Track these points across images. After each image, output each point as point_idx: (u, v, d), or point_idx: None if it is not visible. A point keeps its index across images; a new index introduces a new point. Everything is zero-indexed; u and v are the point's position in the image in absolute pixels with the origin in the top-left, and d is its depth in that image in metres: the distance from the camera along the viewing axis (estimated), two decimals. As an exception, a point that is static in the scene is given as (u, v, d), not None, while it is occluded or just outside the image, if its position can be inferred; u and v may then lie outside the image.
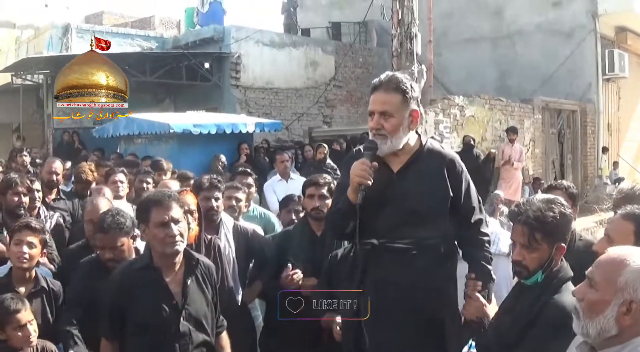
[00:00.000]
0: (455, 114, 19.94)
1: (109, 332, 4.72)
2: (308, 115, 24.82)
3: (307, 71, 25.22)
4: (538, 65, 25.21)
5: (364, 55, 26.95)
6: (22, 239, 5.50)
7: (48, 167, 9.11)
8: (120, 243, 5.33)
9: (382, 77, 4.73)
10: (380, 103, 4.63)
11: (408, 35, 16.65)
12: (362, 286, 4.72)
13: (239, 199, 7.31)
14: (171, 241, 4.58)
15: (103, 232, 5.33)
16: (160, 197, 4.72)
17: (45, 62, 21.86)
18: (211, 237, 6.03)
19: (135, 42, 25.93)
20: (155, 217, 4.60)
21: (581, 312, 3.10)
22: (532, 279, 3.96)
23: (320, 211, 6.04)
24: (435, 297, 4.65)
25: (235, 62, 23.38)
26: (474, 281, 4.67)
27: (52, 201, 8.73)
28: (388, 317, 4.62)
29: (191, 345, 4.64)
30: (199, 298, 4.76)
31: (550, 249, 3.91)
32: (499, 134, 21.27)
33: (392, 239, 4.65)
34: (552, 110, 24.28)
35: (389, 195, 4.66)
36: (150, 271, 4.67)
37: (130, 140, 17.47)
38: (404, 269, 4.60)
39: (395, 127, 4.59)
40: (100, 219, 5.45)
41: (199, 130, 15.61)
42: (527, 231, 3.89)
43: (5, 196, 7.21)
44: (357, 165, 4.57)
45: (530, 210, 3.91)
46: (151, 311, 4.57)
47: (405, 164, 4.72)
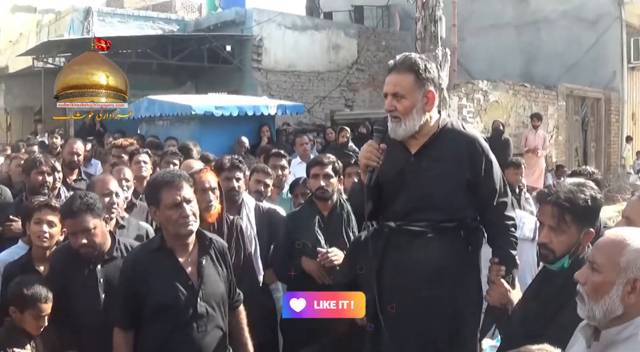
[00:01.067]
0: (478, 99, 19.84)
1: (124, 321, 4.64)
2: (330, 99, 24.73)
3: (330, 54, 25.11)
4: (562, 53, 24.98)
5: (387, 38, 26.79)
6: (42, 218, 5.47)
7: (69, 147, 9.13)
8: (92, 225, 4.96)
9: (397, 58, 4.69)
10: (392, 84, 4.59)
11: (432, 18, 16.53)
12: (380, 267, 4.71)
13: (267, 185, 7.29)
14: (184, 221, 4.51)
15: (72, 217, 4.98)
16: (171, 177, 4.64)
17: (67, 45, 21.87)
18: (233, 218, 5.98)
19: (157, 25, 25.93)
20: (167, 198, 4.52)
21: (585, 296, 3.09)
22: (558, 264, 3.85)
23: (325, 191, 6.04)
24: (451, 281, 4.61)
25: (257, 45, 23.32)
26: (497, 266, 4.58)
27: (74, 182, 8.73)
28: (405, 300, 4.60)
29: (209, 325, 4.60)
30: (214, 277, 4.71)
31: (579, 233, 3.79)
32: (522, 120, 21.15)
33: (408, 222, 4.63)
34: (576, 98, 24.13)
35: (405, 178, 4.63)
36: (164, 253, 4.62)
37: (152, 122, 17.46)
38: (420, 252, 4.59)
39: (408, 109, 4.54)
40: (67, 202, 5.18)
41: (221, 112, 15.59)
42: (557, 211, 3.78)
43: (29, 175, 7.20)
44: (365, 147, 4.60)
45: (562, 191, 3.79)
46: (168, 293, 4.52)
47: (423, 146, 4.67)
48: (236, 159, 6.65)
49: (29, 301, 4.84)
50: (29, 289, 4.87)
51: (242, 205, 6.48)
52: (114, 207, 6.03)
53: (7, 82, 27.48)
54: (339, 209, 6.11)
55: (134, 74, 24.44)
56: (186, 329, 4.53)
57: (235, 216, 6.15)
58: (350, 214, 6.04)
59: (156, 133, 16.04)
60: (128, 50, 23.31)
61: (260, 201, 6.93)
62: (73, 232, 5.01)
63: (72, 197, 5.20)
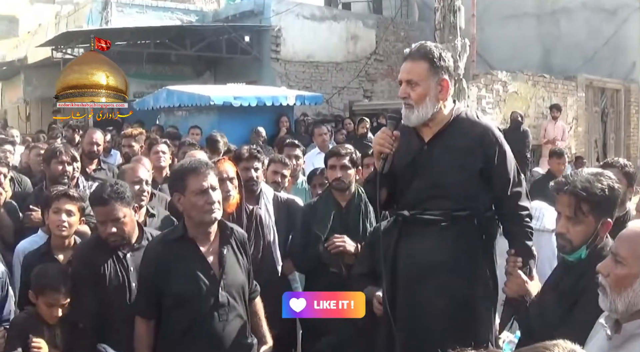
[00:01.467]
0: (498, 90, 19.77)
1: (145, 310, 4.67)
2: (348, 89, 24.69)
3: (348, 45, 25.05)
4: (582, 43, 24.79)
5: (406, 29, 26.69)
6: (61, 207, 5.48)
7: (89, 137, 9.16)
8: (122, 214, 4.95)
9: (413, 46, 4.73)
10: (406, 72, 4.62)
11: (451, 8, 16.45)
12: (394, 257, 4.72)
13: (284, 175, 7.29)
14: (210, 208, 4.52)
15: (102, 204, 4.95)
16: (197, 164, 4.65)
17: (85, 36, 21.89)
18: (252, 208, 5.99)
19: (175, 16, 25.94)
20: (193, 184, 4.53)
21: (608, 288, 3.09)
22: (575, 254, 3.82)
23: (342, 182, 6.04)
24: (464, 270, 4.61)
25: (276, 36, 23.30)
26: (514, 257, 4.56)
27: (93, 171, 8.75)
28: (418, 288, 4.62)
29: (230, 314, 4.61)
30: (235, 267, 4.73)
31: (596, 223, 3.76)
32: (541, 111, 21.06)
33: (421, 211, 4.65)
34: (596, 89, 23.98)
35: (418, 166, 4.64)
36: (186, 242, 4.63)
37: (170, 113, 17.51)
38: (433, 240, 4.61)
39: (421, 96, 4.54)
40: (97, 191, 5.12)
41: (239, 103, 15.62)
42: (573, 201, 3.74)
43: (49, 165, 7.23)
44: (378, 134, 4.64)
45: (578, 180, 3.76)
46: (190, 282, 4.53)
47: (435, 135, 4.68)
48: (254, 149, 6.66)
49: (41, 288, 4.87)
50: (42, 277, 4.92)
51: (260, 195, 6.48)
52: (144, 195, 6.07)
53: (26, 73, 27.61)
54: (357, 200, 6.10)
55: (152, 64, 24.60)
56: (208, 319, 4.54)
57: (254, 206, 6.15)
58: (368, 204, 6.03)
59: (175, 123, 16.11)
60: (147, 41, 23.36)
61: (278, 191, 6.92)
62: (102, 221, 4.98)
63: (102, 185, 5.16)
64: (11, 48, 35.33)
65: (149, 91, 21.74)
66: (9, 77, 31.37)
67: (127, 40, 23.60)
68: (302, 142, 9.99)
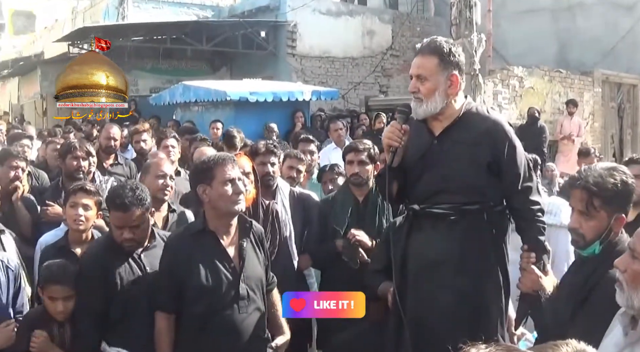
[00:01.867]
0: (514, 85, 19.73)
1: (167, 305, 4.69)
2: (364, 85, 24.69)
3: (364, 40, 25.03)
4: (599, 39, 24.68)
5: (422, 24, 26.64)
6: (78, 201, 5.53)
7: (106, 132, 9.20)
8: (142, 221, 4.91)
9: (425, 41, 4.76)
10: (416, 67, 4.66)
11: (467, 4, 16.47)
12: (405, 250, 4.76)
13: (300, 171, 7.30)
14: (236, 198, 4.59)
15: (122, 210, 4.83)
16: (224, 156, 4.74)
17: (102, 31, 21.96)
18: (269, 202, 6.02)
19: (192, 11, 26.00)
20: (221, 175, 4.60)
21: (625, 283, 3.06)
22: (589, 250, 3.79)
23: (359, 177, 6.06)
24: (475, 264, 4.63)
25: (292, 31, 23.32)
26: (527, 253, 4.55)
27: (110, 166, 8.80)
28: (426, 284, 4.66)
29: (250, 307, 4.66)
30: (254, 260, 4.79)
31: (609, 218, 3.73)
32: (557, 107, 21.00)
33: (431, 205, 4.68)
34: (612, 84, 23.87)
35: (428, 160, 4.67)
36: (207, 235, 4.68)
37: (187, 108, 17.54)
38: (442, 234, 4.64)
39: (430, 91, 4.58)
40: (116, 194, 4.94)
41: (255, 98, 15.63)
42: (585, 196, 3.72)
43: (64, 160, 7.28)
44: (387, 128, 4.71)
45: (591, 176, 3.73)
46: (211, 275, 4.58)
47: (445, 129, 4.70)
48: (271, 144, 6.68)
49: (44, 281, 4.90)
50: (46, 270, 4.95)
51: (277, 190, 6.51)
52: (167, 189, 6.07)
53: (43, 68, 27.66)
54: (374, 196, 6.10)
55: (168, 59, 24.67)
56: (228, 311, 4.60)
57: (271, 200, 6.17)
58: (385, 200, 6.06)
59: (191, 118, 16.13)
60: (163, 36, 23.42)
61: (293, 186, 6.93)
62: (120, 226, 4.89)
63: (122, 188, 4.98)
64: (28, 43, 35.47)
65: (165, 86, 21.81)
66: (26, 73, 31.45)
67: (144, 36, 23.67)
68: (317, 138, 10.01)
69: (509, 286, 4.76)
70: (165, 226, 5.94)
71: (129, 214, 4.84)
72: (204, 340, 4.59)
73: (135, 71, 24.74)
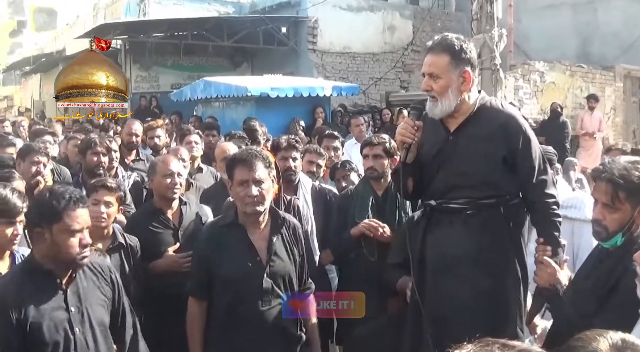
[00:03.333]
0: (535, 80, 19.68)
1: (198, 291, 4.79)
2: (385, 80, 24.71)
3: (385, 36, 25.06)
4: (620, 33, 24.56)
5: (442, 19, 26.65)
6: (100, 198, 5.53)
7: (128, 128, 9.22)
8: None
9: (436, 38, 4.75)
10: (428, 65, 4.66)
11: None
12: (423, 246, 4.76)
13: (320, 165, 7.28)
14: (250, 200, 4.60)
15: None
16: (246, 155, 4.73)
17: (123, 27, 22.11)
18: (291, 198, 6.02)
19: (213, 7, 26.10)
20: (238, 175, 4.64)
21: None
22: (611, 241, 3.79)
23: (374, 171, 6.02)
24: (491, 260, 4.62)
25: (312, 27, 23.38)
26: (543, 246, 4.55)
27: (132, 162, 8.83)
28: (444, 280, 4.65)
29: (274, 301, 4.69)
30: (284, 256, 4.80)
31: (633, 210, 3.72)
32: (579, 102, 20.92)
33: (447, 200, 4.68)
34: (634, 79, 23.72)
35: (443, 156, 4.68)
36: (235, 228, 4.75)
37: (208, 104, 17.61)
38: (459, 229, 4.63)
39: (443, 89, 4.58)
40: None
41: (277, 94, 15.68)
42: (610, 188, 3.71)
43: (85, 156, 7.31)
44: (401, 124, 4.72)
45: (616, 168, 3.72)
46: (235, 266, 4.65)
47: (460, 125, 4.70)
48: (292, 138, 6.67)
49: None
50: None
51: (298, 185, 6.50)
52: (176, 187, 6.05)
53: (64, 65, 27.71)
54: (393, 190, 6.09)
55: (189, 55, 24.73)
56: (250, 303, 4.64)
57: (293, 196, 6.17)
58: (403, 195, 6.08)
59: (213, 114, 16.17)
60: (184, 32, 23.52)
61: (313, 181, 6.93)
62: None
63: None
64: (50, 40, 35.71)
65: (186, 82, 21.88)
66: (48, 69, 31.66)
67: (165, 32, 23.77)
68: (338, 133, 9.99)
69: (527, 278, 4.75)
70: (179, 220, 5.97)
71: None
72: (229, 328, 4.67)
73: (156, 67, 24.88)
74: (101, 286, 4.20)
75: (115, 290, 4.30)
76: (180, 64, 25.21)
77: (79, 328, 3.94)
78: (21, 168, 6.76)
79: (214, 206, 6.28)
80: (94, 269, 4.21)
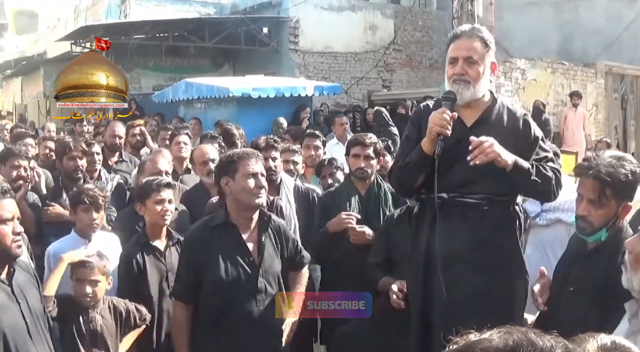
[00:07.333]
0: (516, 78, 19.73)
1: (185, 295, 4.78)
2: (367, 80, 24.72)
3: (366, 35, 25.09)
4: (601, 30, 24.70)
5: (424, 18, 26.70)
6: (165, 197, 5.51)
7: (111, 130, 9.23)
8: None
9: (464, 26, 4.76)
10: (465, 49, 4.56)
11: (469, -3, 16.47)
12: (431, 240, 4.68)
13: (296, 162, 7.30)
14: (258, 191, 4.68)
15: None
16: (249, 151, 4.86)
17: (104, 29, 22.01)
18: (273, 198, 6.04)
19: (194, 8, 26.08)
20: (244, 168, 4.69)
21: (628, 264, 3.08)
22: (595, 236, 3.83)
23: (364, 172, 6.03)
24: (503, 254, 4.61)
25: (294, 27, 23.39)
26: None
27: (115, 164, 8.82)
28: (456, 272, 4.58)
29: (267, 300, 4.74)
30: (272, 255, 4.84)
31: (617, 206, 3.77)
32: (561, 99, 20.98)
33: (463, 194, 4.61)
34: (615, 75, 23.81)
35: (462, 149, 4.54)
36: (228, 228, 4.76)
37: (190, 105, 17.60)
38: (474, 224, 4.58)
39: (479, 74, 4.54)
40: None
41: (258, 94, 15.68)
42: (597, 186, 3.74)
43: (61, 161, 7.28)
44: (437, 115, 4.49)
45: (602, 165, 3.74)
46: (230, 268, 4.66)
47: (479, 119, 4.66)
48: (271, 138, 6.71)
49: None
50: None
51: (281, 185, 6.50)
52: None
53: (45, 67, 27.77)
54: (377, 188, 6.10)
55: (171, 57, 24.70)
56: (245, 304, 4.67)
57: (275, 196, 6.18)
58: (387, 193, 6.06)
59: (194, 115, 16.15)
60: (165, 33, 23.47)
61: (293, 178, 6.93)
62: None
63: None
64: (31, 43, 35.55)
65: (168, 84, 21.84)
66: (29, 72, 31.56)
67: (146, 34, 23.70)
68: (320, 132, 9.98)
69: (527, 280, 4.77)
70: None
71: None
72: (220, 331, 4.67)
73: (137, 69, 24.81)
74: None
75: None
76: (161, 66, 25.17)
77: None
78: (1, 172, 6.74)
79: (194, 207, 6.28)
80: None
